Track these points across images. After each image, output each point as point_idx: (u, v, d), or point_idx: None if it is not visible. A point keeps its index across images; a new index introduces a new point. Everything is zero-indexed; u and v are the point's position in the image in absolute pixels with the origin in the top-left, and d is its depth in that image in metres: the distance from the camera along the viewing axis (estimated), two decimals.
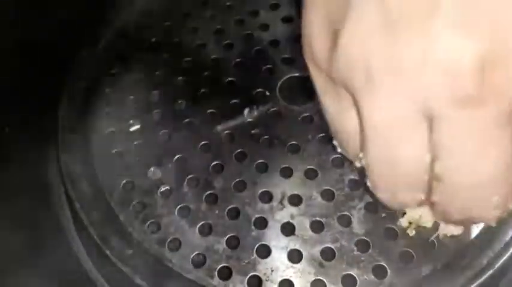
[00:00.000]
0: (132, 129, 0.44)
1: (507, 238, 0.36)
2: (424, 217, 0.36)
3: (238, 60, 0.47)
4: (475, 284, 0.35)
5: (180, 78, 0.47)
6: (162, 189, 0.40)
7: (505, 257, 0.35)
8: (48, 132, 0.45)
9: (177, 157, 0.42)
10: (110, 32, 0.50)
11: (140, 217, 0.39)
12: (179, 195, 0.40)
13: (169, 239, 0.38)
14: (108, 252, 0.37)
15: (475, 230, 0.37)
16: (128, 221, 0.39)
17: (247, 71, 0.47)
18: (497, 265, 0.35)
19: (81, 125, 0.45)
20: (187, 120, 0.44)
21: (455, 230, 0.36)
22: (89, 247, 0.41)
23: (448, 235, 0.36)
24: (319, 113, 0.43)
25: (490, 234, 0.36)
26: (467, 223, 0.35)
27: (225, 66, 0.47)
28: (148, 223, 0.39)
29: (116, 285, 0.41)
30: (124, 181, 0.41)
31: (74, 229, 0.43)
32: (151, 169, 0.42)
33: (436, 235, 0.36)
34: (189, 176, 0.41)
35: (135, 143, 0.43)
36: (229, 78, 0.46)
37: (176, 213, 0.39)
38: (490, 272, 0.35)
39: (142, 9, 0.52)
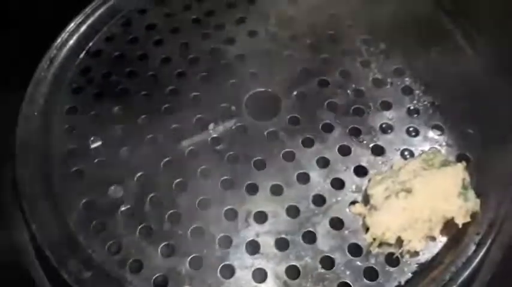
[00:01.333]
0: (93, 146, 0.43)
1: (469, 253, 0.36)
2: (388, 233, 0.36)
3: (203, 74, 0.47)
4: None
5: (143, 92, 0.46)
6: (123, 208, 0.39)
7: (467, 273, 0.35)
8: (4, 149, 0.43)
9: (139, 174, 0.41)
10: (71, 44, 0.49)
11: (100, 237, 0.38)
12: (141, 214, 0.39)
13: (130, 261, 0.37)
14: (65, 276, 0.36)
15: (438, 245, 0.37)
16: (87, 242, 0.38)
17: (212, 86, 0.46)
18: (459, 280, 0.35)
19: (39, 142, 0.43)
20: (150, 136, 0.43)
21: (419, 246, 0.36)
22: (46, 269, 0.40)
23: (412, 250, 0.36)
24: (284, 128, 0.43)
25: (452, 250, 0.36)
26: None
27: (189, 80, 0.46)
28: (108, 243, 0.38)
29: None
30: (84, 200, 0.40)
31: (32, 250, 0.41)
32: (112, 187, 0.40)
33: (399, 251, 0.36)
34: (152, 195, 0.40)
35: (96, 160, 0.42)
36: (194, 93, 0.46)
37: (138, 233, 0.38)
38: None
39: (105, 21, 0.51)
